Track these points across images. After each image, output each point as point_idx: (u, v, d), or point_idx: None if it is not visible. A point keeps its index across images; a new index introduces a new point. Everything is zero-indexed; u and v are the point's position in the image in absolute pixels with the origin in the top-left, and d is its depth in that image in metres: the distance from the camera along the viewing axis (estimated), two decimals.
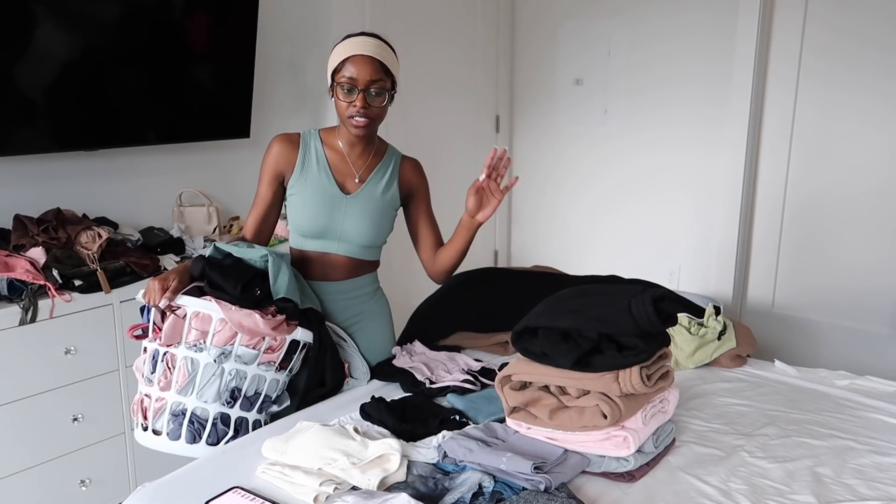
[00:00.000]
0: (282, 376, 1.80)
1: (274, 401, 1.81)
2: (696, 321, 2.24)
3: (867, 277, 3.28)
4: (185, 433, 1.68)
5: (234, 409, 1.72)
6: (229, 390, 1.70)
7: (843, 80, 3.21)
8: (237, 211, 3.14)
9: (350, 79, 1.82)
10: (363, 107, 1.83)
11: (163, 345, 1.70)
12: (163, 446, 1.71)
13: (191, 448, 1.70)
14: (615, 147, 3.88)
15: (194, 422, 1.69)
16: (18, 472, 2.21)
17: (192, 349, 1.68)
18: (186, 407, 1.68)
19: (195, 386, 1.68)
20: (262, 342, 1.71)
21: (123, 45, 2.59)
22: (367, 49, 1.82)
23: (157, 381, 1.71)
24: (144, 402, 1.74)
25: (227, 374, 1.69)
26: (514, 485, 1.40)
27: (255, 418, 1.77)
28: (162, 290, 1.69)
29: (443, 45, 3.78)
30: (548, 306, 1.58)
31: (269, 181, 1.96)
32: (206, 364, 1.67)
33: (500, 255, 4.41)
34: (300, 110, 3.33)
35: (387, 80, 1.85)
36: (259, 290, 1.75)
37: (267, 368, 1.74)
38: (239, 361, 1.69)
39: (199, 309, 1.69)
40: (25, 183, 2.55)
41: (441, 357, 2.09)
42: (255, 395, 1.75)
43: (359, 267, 2.01)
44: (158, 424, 1.71)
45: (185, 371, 1.68)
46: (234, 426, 1.72)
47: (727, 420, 1.81)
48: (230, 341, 1.69)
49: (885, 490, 1.49)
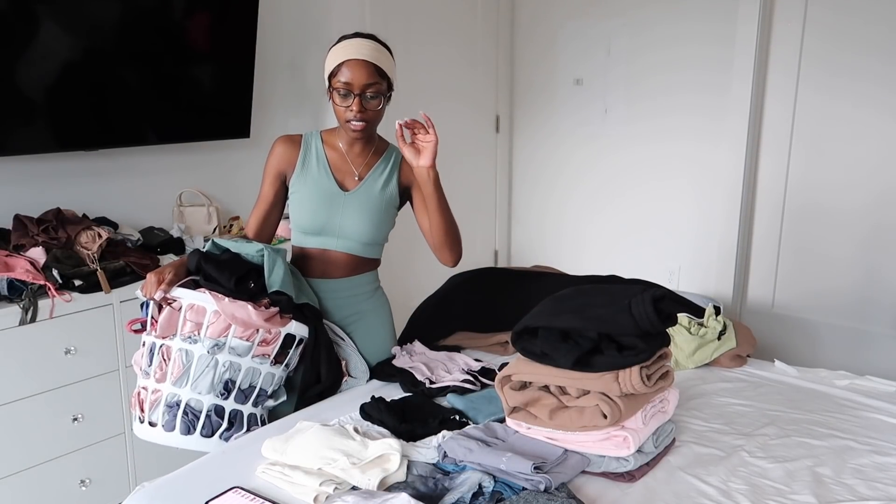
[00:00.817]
0: (277, 371, 1.81)
1: (270, 395, 1.82)
2: (696, 321, 2.24)
3: (867, 278, 3.28)
4: (179, 424, 1.69)
5: (229, 401, 1.73)
6: (223, 382, 1.71)
7: (841, 83, 3.21)
8: (237, 211, 3.14)
9: (345, 83, 1.84)
10: (359, 111, 1.85)
11: (158, 336, 1.72)
12: (158, 438, 1.72)
13: (185, 439, 1.70)
14: (615, 147, 3.88)
15: (188, 413, 1.70)
16: (18, 472, 2.21)
17: (187, 341, 1.70)
18: (181, 398, 1.70)
19: (189, 377, 1.69)
20: (256, 335, 1.73)
21: (124, 45, 2.59)
22: (361, 53, 1.83)
23: (153, 374, 1.72)
24: (142, 394, 1.75)
25: (220, 366, 1.70)
26: (514, 485, 1.40)
27: (250, 412, 1.77)
28: (158, 283, 1.72)
29: (443, 45, 3.79)
30: (548, 306, 1.58)
31: (271, 181, 2.00)
32: (200, 355, 1.69)
33: (500, 255, 4.41)
34: (300, 110, 3.34)
35: (382, 82, 1.86)
36: (254, 283, 1.77)
37: (261, 361, 1.75)
38: (233, 353, 1.71)
39: (193, 301, 1.71)
40: (25, 183, 2.55)
41: (441, 357, 2.09)
42: (250, 388, 1.76)
43: (359, 265, 2.01)
44: (154, 416, 1.72)
45: (180, 363, 1.70)
46: (229, 418, 1.73)
47: (727, 420, 1.81)
48: (224, 333, 1.70)
49: (885, 490, 1.49)
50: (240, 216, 3.10)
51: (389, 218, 2.02)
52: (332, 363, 1.91)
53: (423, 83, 3.58)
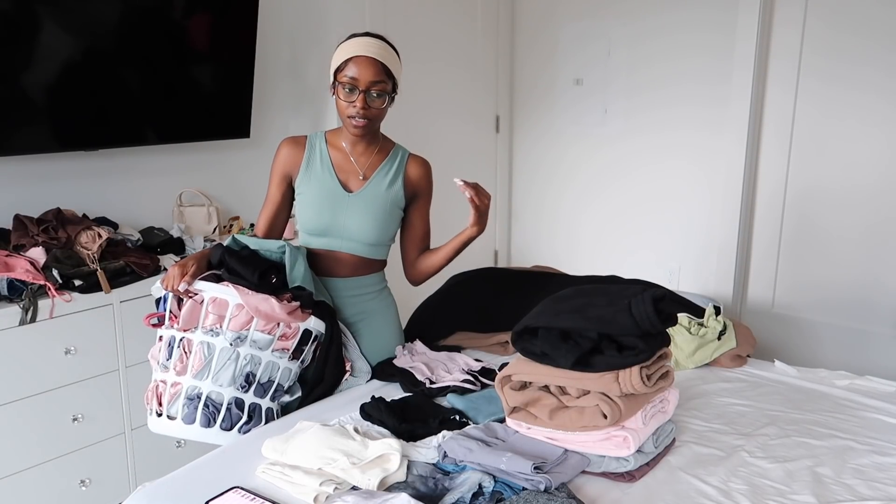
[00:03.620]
0: (294, 366, 1.83)
1: (286, 391, 1.84)
2: (696, 321, 2.24)
3: (867, 277, 3.28)
4: (199, 417, 1.70)
5: (249, 394, 1.74)
6: (244, 375, 1.73)
7: (843, 78, 3.21)
8: (237, 211, 3.15)
9: (352, 79, 1.84)
10: (363, 107, 1.86)
11: (180, 329, 1.73)
12: (177, 431, 1.72)
13: (205, 432, 1.71)
14: (615, 147, 3.88)
15: (209, 405, 1.71)
16: (19, 472, 2.21)
17: (209, 334, 1.72)
18: (202, 391, 1.70)
19: (211, 370, 1.70)
20: (277, 328, 1.75)
21: (124, 45, 2.59)
22: (370, 50, 1.84)
23: (172, 367, 1.73)
24: (159, 388, 1.76)
25: (242, 359, 1.72)
26: (514, 485, 1.40)
27: (267, 406, 1.79)
28: (181, 276, 1.74)
29: (443, 45, 3.78)
30: (548, 306, 1.58)
31: (277, 182, 2.02)
32: (222, 348, 1.71)
33: (500, 255, 4.41)
34: (300, 110, 3.33)
35: (388, 82, 1.87)
36: (275, 278, 1.80)
37: (281, 356, 1.78)
38: (254, 346, 1.73)
39: (216, 294, 1.73)
40: (25, 183, 2.55)
41: (441, 357, 2.09)
42: (269, 383, 1.78)
43: (364, 265, 2.02)
44: (173, 410, 1.72)
45: (202, 355, 1.71)
46: (248, 412, 1.75)
47: (727, 420, 1.81)
48: (246, 326, 1.73)
49: (885, 490, 1.49)
50: (240, 216, 3.10)
51: (394, 219, 2.02)
52: (338, 364, 1.92)
53: (424, 83, 3.58)
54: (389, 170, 1.99)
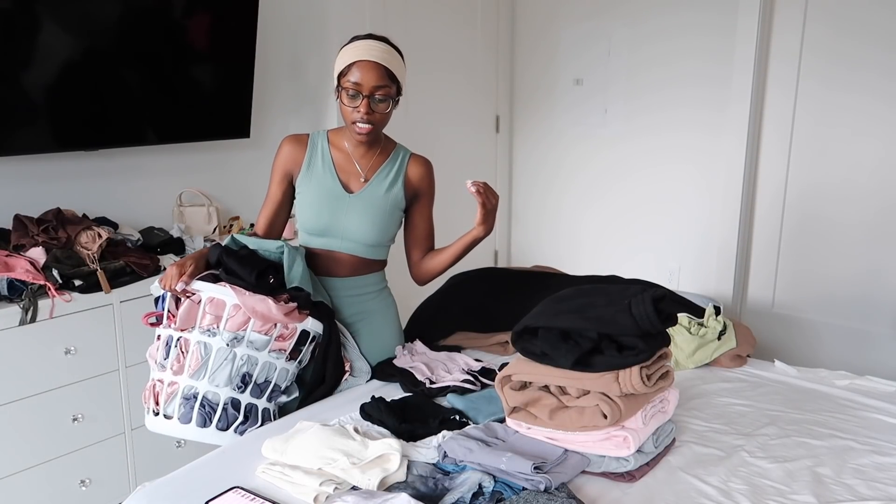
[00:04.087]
0: (291, 366, 1.82)
1: (283, 391, 1.84)
2: (696, 321, 2.24)
3: (867, 277, 3.28)
4: (195, 417, 1.70)
5: (245, 394, 1.74)
6: (240, 375, 1.73)
7: (842, 81, 3.21)
8: (237, 211, 3.15)
9: (355, 84, 1.82)
10: (367, 113, 1.84)
11: (178, 329, 1.73)
12: (173, 430, 1.72)
13: (201, 432, 1.71)
14: (615, 147, 3.88)
15: (205, 405, 1.71)
16: (18, 472, 2.21)
17: (206, 334, 1.71)
18: (198, 390, 1.71)
19: (207, 370, 1.70)
20: (274, 329, 1.75)
21: (123, 45, 2.59)
22: (373, 55, 1.82)
23: (170, 366, 1.73)
24: (157, 387, 1.76)
25: (238, 359, 1.72)
26: (514, 485, 1.40)
27: (264, 406, 1.79)
28: (179, 275, 1.74)
29: (443, 45, 3.78)
30: (548, 306, 1.58)
31: (278, 181, 2.01)
32: (219, 348, 1.71)
33: (500, 255, 4.41)
34: (300, 110, 3.33)
35: (392, 86, 1.86)
36: (273, 278, 1.80)
37: (278, 356, 1.77)
38: (251, 347, 1.73)
39: (213, 294, 1.73)
40: (25, 183, 2.55)
41: (441, 357, 2.09)
42: (266, 383, 1.78)
43: (363, 265, 2.01)
44: (170, 409, 1.72)
45: (199, 355, 1.71)
46: (244, 412, 1.75)
47: (727, 420, 1.81)
48: (243, 326, 1.73)
49: (885, 490, 1.49)
50: (240, 216, 3.10)
51: (395, 220, 2.02)
52: (338, 364, 1.92)
53: (424, 84, 3.58)
54: (390, 171, 1.99)
